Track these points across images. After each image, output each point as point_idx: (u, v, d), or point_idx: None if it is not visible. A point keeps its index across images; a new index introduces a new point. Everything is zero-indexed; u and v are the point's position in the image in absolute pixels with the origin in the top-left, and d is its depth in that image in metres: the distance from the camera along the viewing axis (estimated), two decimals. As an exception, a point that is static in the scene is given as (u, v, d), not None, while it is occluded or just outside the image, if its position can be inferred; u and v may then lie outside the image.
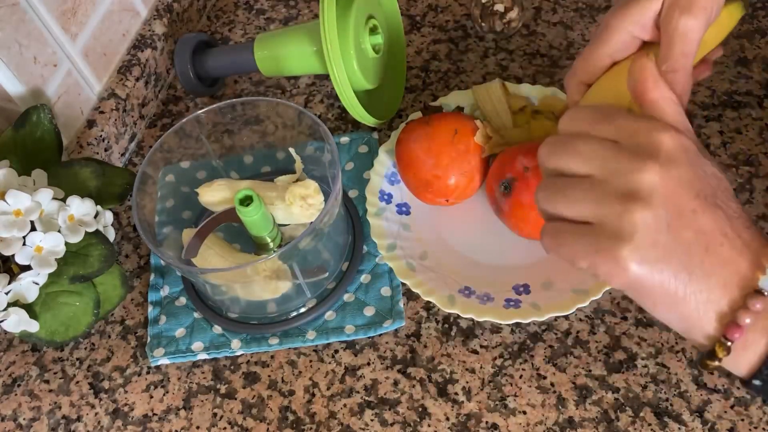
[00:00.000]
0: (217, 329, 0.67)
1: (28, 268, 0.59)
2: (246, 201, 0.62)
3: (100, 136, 0.76)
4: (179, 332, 0.67)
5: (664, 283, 0.40)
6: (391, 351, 0.64)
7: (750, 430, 0.57)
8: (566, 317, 0.63)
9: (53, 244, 0.60)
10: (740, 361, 0.41)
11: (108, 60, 0.79)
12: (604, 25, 0.52)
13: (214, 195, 0.68)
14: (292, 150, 0.69)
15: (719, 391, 0.58)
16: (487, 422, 0.59)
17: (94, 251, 0.63)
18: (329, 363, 0.64)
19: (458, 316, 0.65)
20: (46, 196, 0.60)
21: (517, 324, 0.64)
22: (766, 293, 0.39)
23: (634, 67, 0.44)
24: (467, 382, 0.62)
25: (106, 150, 0.77)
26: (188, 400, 0.64)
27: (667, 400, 0.59)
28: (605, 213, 0.39)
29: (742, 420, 0.57)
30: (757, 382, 0.41)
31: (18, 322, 0.61)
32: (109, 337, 0.69)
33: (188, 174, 0.73)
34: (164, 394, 0.65)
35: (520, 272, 0.65)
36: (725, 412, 0.57)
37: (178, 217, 0.72)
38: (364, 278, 0.68)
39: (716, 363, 0.41)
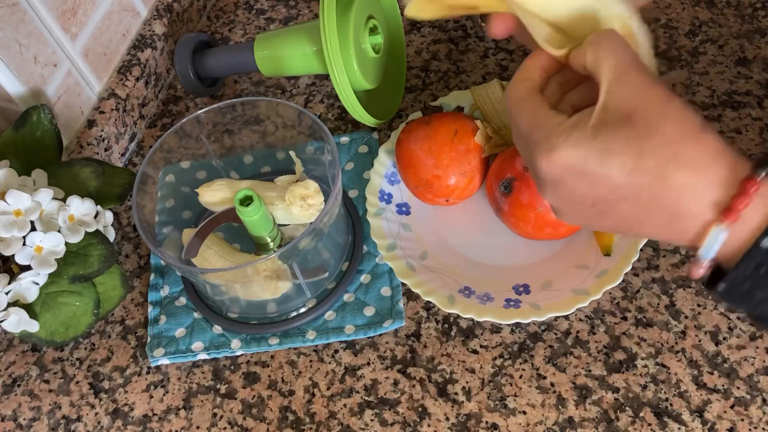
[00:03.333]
0: (217, 329, 0.67)
1: (28, 268, 0.59)
2: (246, 201, 0.62)
3: (100, 136, 0.76)
4: (179, 332, 0.67)
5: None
6: (391, 351, 0.64)
7: (750, 430, 0.57)
8: (566, 317, 0.63)
9: (53, 244, 0.60)
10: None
11: (108, 60, 0.79)
12: None
13: (214, 195, 0.68)
14: (292, 153, 0.69)
15: (719, 391, 0.58)
16: (487, 422, 0.59)
17: (94, 251, 0.63)
18: (329, 363, 0.64)
19: (458, 316, 0.65)
20: (46, 196, 0.60)
21: (517, 324, 0.64)
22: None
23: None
24: (467, 382, 0.62)
25: (106, 150, 0.77)
26: (188, 400, 0.64)
27: (667, 400, 0.59)
28: None
29: (742, 420, 0.57)
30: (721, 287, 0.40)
31: (18, 322, 0.61)
32: (109, 337, 0.69)
33: (188, 174, 0.73)
34: (164, 394, 0.65)
35: (520, 272, 0.65)
36: (725, 412, 0.57)
37: (178, 217, 0.72)
38: (364, 278, 0.68)
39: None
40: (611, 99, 0.39)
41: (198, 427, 0.63)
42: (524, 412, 0.59)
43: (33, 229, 0.60)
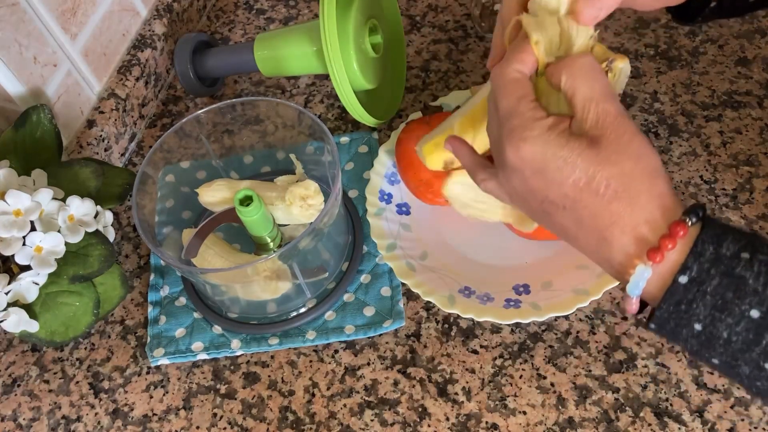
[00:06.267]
0: (217, 329, 0.67)
1: (28, 268, 0.59)
2: (246, 201, 0.62)
3: (100, 136, 0.76)
4: (179, 332, 0.67)
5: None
6: (391, 351, 0.64)
7: (750, 430, 0.57)
8: (566, 317, 0.63)
9: (53, 244, 0.60)
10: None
11: (108, 60, 0.79)
12: None
13: (214, 195, 0.68)
14: (293, 156, 0.69)
15: (719, 391, 0.58)
16: (487, 422, 0.59)
17: (94, 251, 0.63)
18: (329, 363, 0.64)
19: (458, 316, 0.65)
20: (46, 196, 0.60)
21: (517, 324, 0.64)
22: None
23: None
24: (467, 382, 0.62)
25: (106, 150, 0.77)
26: (188, 400, 0.64)
27: (667, 400, 0.59)
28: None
29: (742, 420, 0.57)
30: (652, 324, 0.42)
31: (18, 322, 0.61)
32: (109, 337, 0.69)
33: (188, 174, 0.73)
34: (164, 394, 0.65)
35: (520, 272, 0.65)
36: (725, 412, 0.57)
37: (178, 217, 0.72)
38: (364, 278, 0.68)
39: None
40: (582, 122, 0.42)
41: (198, 427, 0.63)
42: (524, 412, 0.59)
43: (33, 229, 0.60)
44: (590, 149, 0.41)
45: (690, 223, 0.40)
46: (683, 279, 0.39)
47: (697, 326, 0.40)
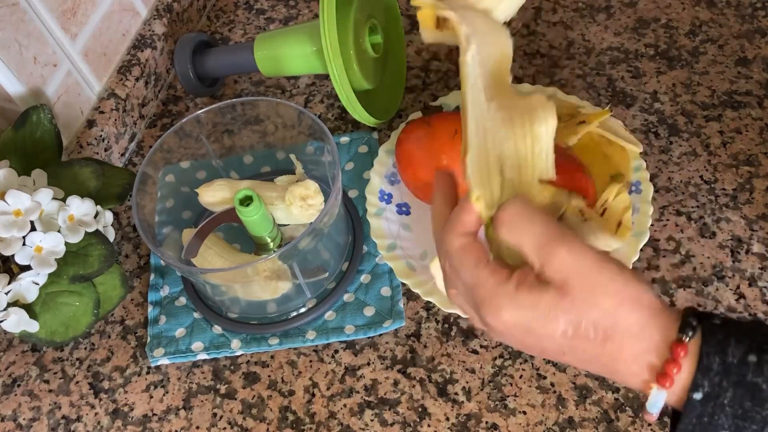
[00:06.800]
0: (217, 329, 0.67)
1: (28, 268, 0.59)
2: (246, 201, 0.62)
3: (100, 136, 0.76)
4: (179, 332, 0.67)
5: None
6: (391, 351, 0.64)
7: (750, 430, 0.57)
8: (566, 317, 0.63)
9: (53, 244, 0.60)
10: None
11: (108, 60, 0.79)
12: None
13: (214, 195, 0.68)
14: (293, 156, 0.69)
15: (719, 391, 0.58)
16: (487, 422, 0.59)
17: (94, 251, 0.63)
18: (329, 363, 0.64)
19: (458, 316, 0.65)
20: (46, 196, 0.60)
21: (517, 324, 0.63)
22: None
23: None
24: (467, 382, 0.62)
25: (106, 150, 0.77)
26: (188, 400, 0.64)
27: (667, 400, 0.59)
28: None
29: (742, 420, 0.57)
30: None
31: (18, 322, 0.61)
32: (109, 337, 0.69)
33: (188, 174, 0.73)
34: (164, 394, 0.65)
35: (520, 272, 0.65)
36: (725, 412, 0.57)
37: (178, 217, 0.72)
38: (364, 278, 0.68)
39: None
40: (543, 270, 0.41)
41: (198, 427, 0.63)
42: (524, 412, 0.59)
43: (33, 229, 0.60)
44: (563, 299, 0.40)
45: (688, 340, 0.39)
46: (697, 396, 0.39)
47: None
